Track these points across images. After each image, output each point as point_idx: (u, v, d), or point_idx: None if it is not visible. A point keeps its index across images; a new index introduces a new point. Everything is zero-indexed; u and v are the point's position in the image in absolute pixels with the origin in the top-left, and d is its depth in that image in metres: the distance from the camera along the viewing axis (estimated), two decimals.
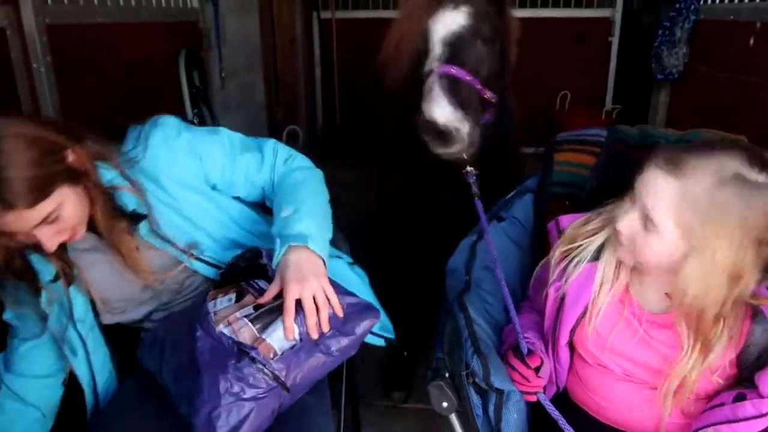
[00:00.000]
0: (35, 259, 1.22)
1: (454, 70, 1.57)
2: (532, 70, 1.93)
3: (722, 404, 1.07)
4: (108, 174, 1.23)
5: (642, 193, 1.05)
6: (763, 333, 1.04)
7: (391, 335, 1.45)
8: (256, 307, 1.22)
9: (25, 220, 1.06)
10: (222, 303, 1.25)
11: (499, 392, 1.16)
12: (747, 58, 2.97)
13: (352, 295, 1.24)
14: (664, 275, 1.10)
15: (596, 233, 1.21)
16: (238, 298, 1.26)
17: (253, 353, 1.11)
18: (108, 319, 1.35)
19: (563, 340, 1.25)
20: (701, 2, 3.53)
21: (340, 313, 1.17)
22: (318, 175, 1.45)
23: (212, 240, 1.35)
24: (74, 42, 2.40)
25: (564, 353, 1.28)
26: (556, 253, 1.26)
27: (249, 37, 4.65)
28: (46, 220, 1.08)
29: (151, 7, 3.05)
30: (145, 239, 1.27)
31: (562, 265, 1.24)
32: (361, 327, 1.19)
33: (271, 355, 1.13)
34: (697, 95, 3.59)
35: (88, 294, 1.29)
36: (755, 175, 0.96)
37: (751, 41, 2.92)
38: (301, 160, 1.46)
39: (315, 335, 1.14)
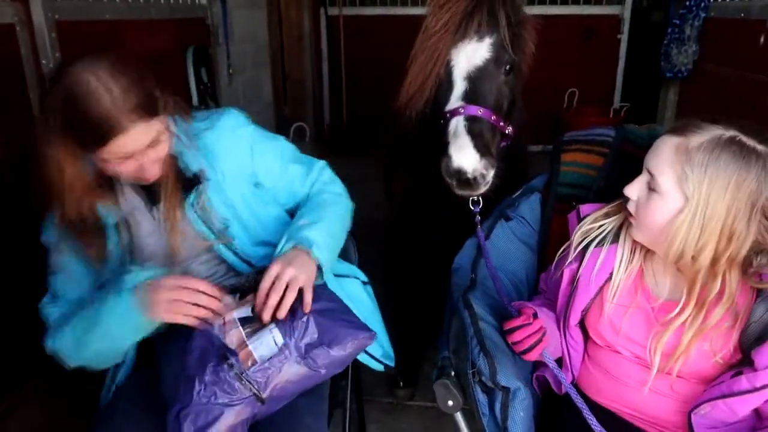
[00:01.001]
0: (101, 208, 1.27)
1: (480, 112, 1.52)
2: (540, 67, 1.90)
3: (722, 382, 1.09)
4: (179, 142, 1.30)
5: (648, 157, 1.14)
6: (764, 311, 1.07)
7: (390, 363, 1.49)
8: (254, 309, 1.23)
9: (144, 135, 1.14)
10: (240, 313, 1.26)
11: (506, 390, 1.16)
12: (757, 57, 2.95)
13: (351, 313, 1.26)
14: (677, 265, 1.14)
15: (614, 216, 1.28)
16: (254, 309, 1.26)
17: (232, 359, 1.12)
18: None
19: (574, 320, 1.27)
20: (711, 0, 3.51)
21: (307, 310, 1.20)
22: (347, 205, 1.50)
23: (246, 233, 1.38)
24: (83, 38, 2.41)
25: (576, 333, 1.30)
26: (576, 235, 1.30)
27: (257, 34, 4.66)
28: (152, 143, 1.17)
29: (159, 3, 3.05)
30: (186, 212, 1.31)
31: (580, 247, 1.28)
32: (351, 346, 1.20)
33: (249, 363, 1.13)
34: (707, 93, 3.57)
35: (130, 253, 1.33)
36: (753, 143, 1.04)
37: (762, 39, 2.90)
38: (339, 187, 1.53)
39: (267, 317, 1.16)
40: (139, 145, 1.15)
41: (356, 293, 1.53)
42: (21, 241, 2.22)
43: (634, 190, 1.16)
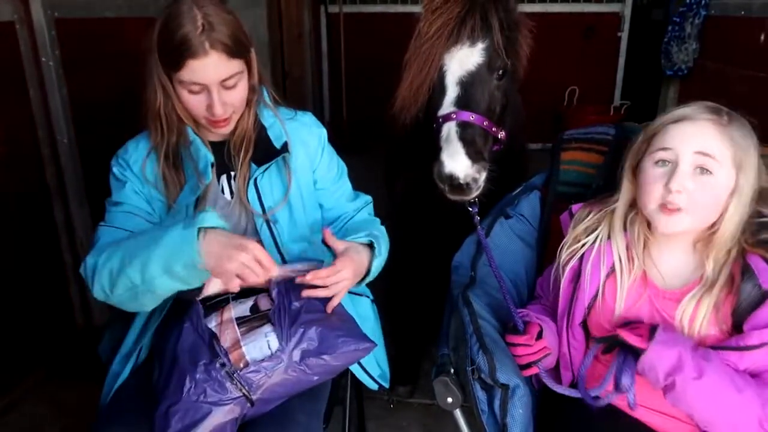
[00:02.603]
0: (199, 144, 1.34)
1: (472, 118, 1.52)
2: (540, 65, 1.90)
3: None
4: (268, 116, 1.42)
5: (686, 142, 1.12)
6: (753, 288, 1.09)
7: (385, 384, 1.52)
8: (253, 310, 1.23)
9: (219, 67, 1.22)
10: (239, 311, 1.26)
11: (505, 387, 1.16)
12: (757, 54, 2.95)
13: (352, 321, 1.28)
14: (686, 239, 1.19)
15: (604, 214, 1.29)
16: (254, 310, 1.27)
17: (224, 359, 1.12)
18: None
19: (578, 318, 1.27)
20: None
21: (329, 311, 1.25)
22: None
23: (290, 221, 1.42)
24: (82, 36, 2.41)
25: (579, 332, 1.30)
26: (570, 236, 1.31)
27: (257, 32, 4.65)
28: (228, 80, 1.25)
29: (159, 1, 3.05)
30: (249, 182, 1.37)
31: (576, 246, 1.29)
32: (348, 356, 1.21)
33: (242, 364, 1.13)
34: (707, 91, 3.56)
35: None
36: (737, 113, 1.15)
37: (762, 37, 2.90)
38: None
39: (307, 277, 1.20)
40: (214, 76, 1.22)
41: (363, 312, 1.55)
42: (17, 240, 2.22)
43: (684, 180, 1.10)
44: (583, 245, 1.29)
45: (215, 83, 1.23)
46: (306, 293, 1.22)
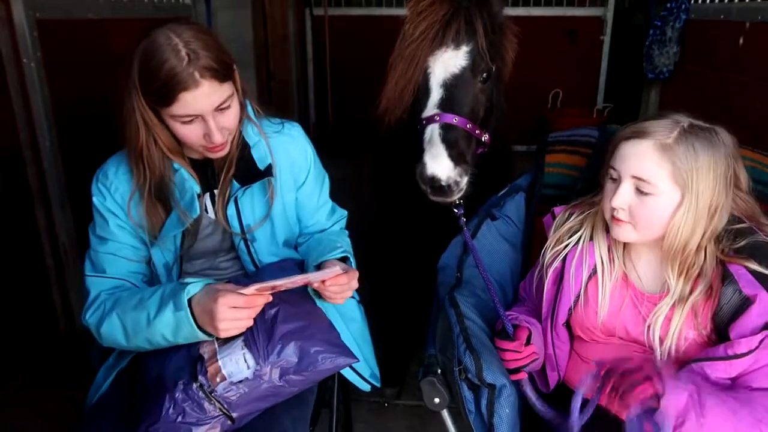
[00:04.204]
0: (185, 174, 1.31)
1: (455, 120, 1.53)
2: (524, 68, 1.91)
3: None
4: (252, 134, 1.38)
5: (626, 166, 1.16)
6: (734, 294, 1.11)
7: (377, 383, 1.52)
8: None
9: (212, 95, 1.18)
10: None
11: (492, 387, 1.17)
12: (737, 58, 3.00)
13: (333, 331, 1.26)
14: (658, 247, 1.20)
15: (586, 216, 1.31)
16: None
17: (201, 379, 1.11)
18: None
19: (561, 319, 1.29)
20: (692, 2, 3.55)
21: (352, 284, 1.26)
22: None
23: (269, 238, 1.41)
24: (64, 37, 2.38)
25: (563, 333, 1.31)
26: (553, 238, 1.33)
27: (241, 34, 4.63)
28: (222, 105, 1.21)
29: (143, 3, 3.02)
30: (230, 202, 1.34)
31: (559, 247, 1.31)
32: (328, 370, 1.19)
33: (218, 379, 1.12)
34: (688, 94, 3.61)
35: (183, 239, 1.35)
36: (703, 124, 1.15)
37: (741, 41, 2.95)
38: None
39: (327, 284, 1.20)
40: (207, 105, 1.18)
41: (350, 313, 1.54)
42: (1, 245, 2.19)
43: (623, 200, 1.16)
44: (566, 246, 1.30)
45: (210, 111, 1.19)
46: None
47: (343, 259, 1.35)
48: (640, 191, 1.15)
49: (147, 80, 1.16)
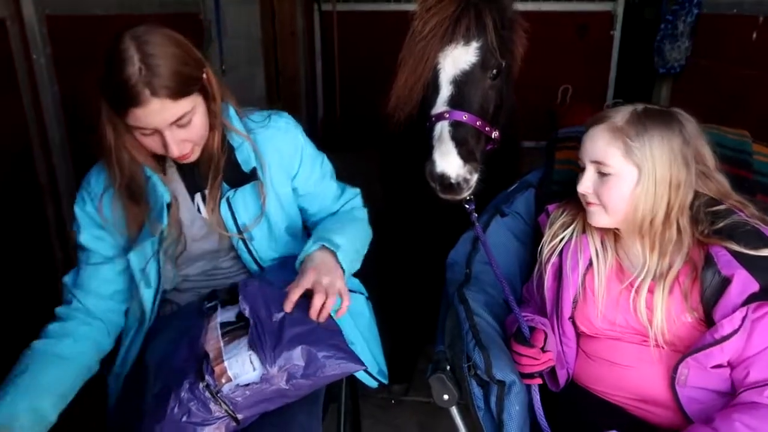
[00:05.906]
0: (157, 182, 1.26)
1: (465, 117, 1.52)
2: (534, 64, 1.90)
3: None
4: (236, 136, 1.33)
5: (585, 152, 1.25)
6: (713, 276, 1.15)
7: (384, 380, 1.50)
8: (239, 317, 1.20)
9: (165, 112, 1.12)
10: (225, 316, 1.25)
11: (501, 384, 1.16)
12: (749, 52, 2.96)
13: (340, 336, 1.23)
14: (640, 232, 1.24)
15: (578, 210, 1.35)
16: (240, 316, 1.23)
17: (208, 379, 1.10)
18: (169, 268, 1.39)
19: (566, 313, 1.29)
20: None
21: (343, 313, 1.22)
22: (369, 230, 1.54)
23: (267, 235, 1.40)
24: (74, 33, 2.39)
25: (569, 328, 1.31)
26: (549, 234, 1.36)
27: (250, 30, 4.63)
28: (179, 121, 1.15)
29: None
30: (222, 203, 1.33)
31: (555, 242, 1.34)
32: (334, 376, 1.17)
33: (224, 380, 1.10)
34: (699, 89, 3.57)
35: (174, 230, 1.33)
36: (659, 108, 1.22)
37: (754, 35, 2.91)
38: (365, 213, 1.59)
39: (315, 316, 1.17)
40: (160, 121, 1.13)
41: (358, 308, 1.53)
42: (8, 238, 2.20)
43: (587, 185, 1.25)
44: (561, 240, 1.33)
45: (165, 126, 1.15)
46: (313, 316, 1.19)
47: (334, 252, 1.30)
48: (601, 174, 1.22)
49: (105, 86, 1.14)
